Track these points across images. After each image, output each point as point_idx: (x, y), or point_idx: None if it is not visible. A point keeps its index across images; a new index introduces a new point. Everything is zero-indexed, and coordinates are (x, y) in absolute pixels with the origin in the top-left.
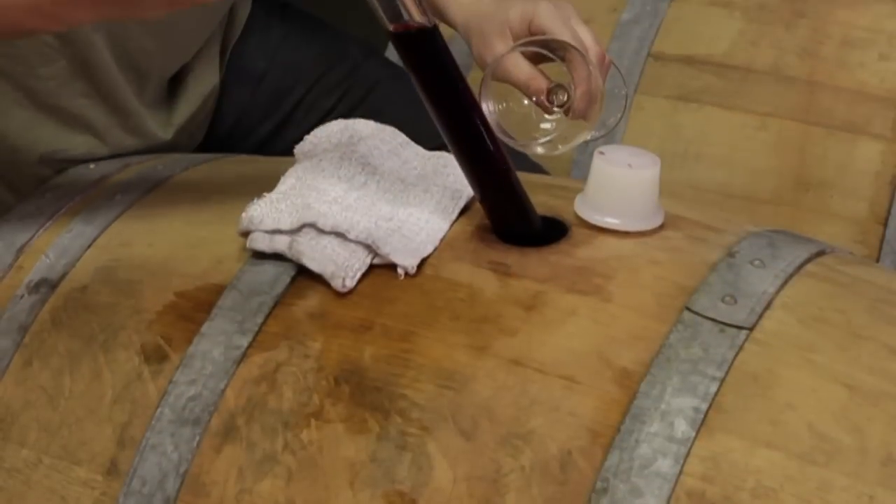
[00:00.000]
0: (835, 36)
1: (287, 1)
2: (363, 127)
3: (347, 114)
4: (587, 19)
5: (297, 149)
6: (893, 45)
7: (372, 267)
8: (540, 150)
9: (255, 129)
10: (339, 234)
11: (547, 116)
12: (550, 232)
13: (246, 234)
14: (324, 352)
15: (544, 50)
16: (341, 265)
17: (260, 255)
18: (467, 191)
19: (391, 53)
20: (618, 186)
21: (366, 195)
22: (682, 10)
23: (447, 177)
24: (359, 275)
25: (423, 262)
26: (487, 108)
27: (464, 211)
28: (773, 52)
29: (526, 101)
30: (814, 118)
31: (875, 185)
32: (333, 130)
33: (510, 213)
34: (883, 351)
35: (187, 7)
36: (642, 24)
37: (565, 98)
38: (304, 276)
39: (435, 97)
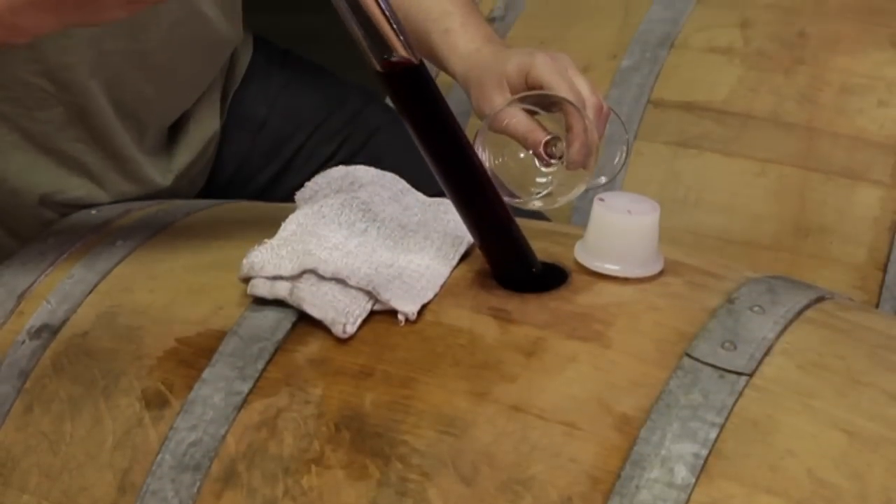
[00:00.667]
0: (834, 83)
1: (287, 48)
2: (364, 173)
3: (348, 160)
4: (586, 66)
5: (298, 195)
6: (892, 91)
7: (372, 313)
8: (538, 204)
9: (256, 175)
10: (340, 281)
11: (544, 169)
12: (550, 278)
13: (247, 280)
14: (324, 398)
15: (540, 106)
16: (342, 311)
17: (261, 301)
18: (468, 237)
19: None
20: (618, 233)
21: (366, 241)
22: (682, 57)
23: (447, 223)
24: (359, 321)
25: (423, 308)
26: (483, 158)
27: (464, 257)
28: (773, 98)
29: (522, 154)
30: (813, 164)
31: (874, 231)
32: (334, 177)
33: (508, 255)
34: (882, 397)
35: (143, 8)
36: (642, 71)
37: (563, 150)
38: (305, 322)
39: (425, 134)
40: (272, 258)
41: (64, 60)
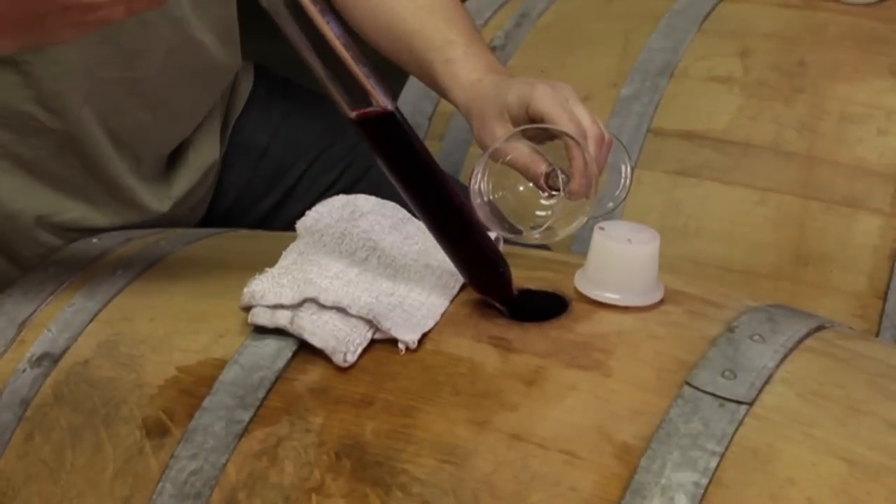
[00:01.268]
0: (833, 111)
1: (287, 76)
2: (364, 202)
3: (349, 189)
4: (587, 95)
5: (299, 224)
6: (892, 120)
7: (373, 342)
8: (537, 237)
9: (257, 203)
10: (341, 310)
11: (544, 202)
12: (551, 307)
13: (248, 308)
14: (325, 426)
15: (542, 138)
16: (342, 340)
17: (261, 330)
18: None
19: None
20: (618, 262)
21: (367, 270)
22: (682, 85)
23: None
24: (360, 350)
25: (424, 336)
26: (482, 190)
27: (465, 286)
28: (773, 127)
29: (522, 187)
30: (813, 193)
31: (874, 260)
32: (335, 206)
33: (485, 270)
34: (882, 425)
35: (91, 30)
36: (642, 100)
37: (564, 181)
38: (306, 350)
39: (402, 177)
40: (273, 287)
41: (56, 88)
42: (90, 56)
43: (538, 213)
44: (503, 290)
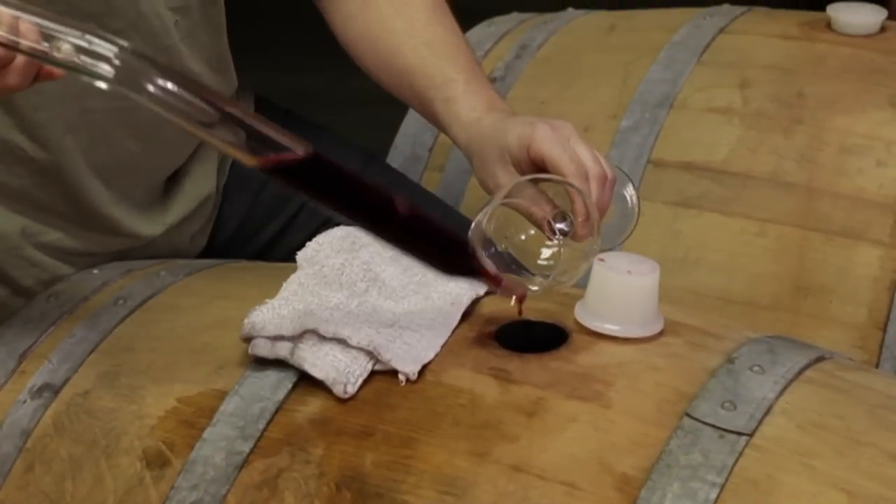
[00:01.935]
0: (833, 143)
1: (288, 108)
2: (364, 234)
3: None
4: (587, 126)
5: (300, 255)
6: (891, 151)
7: (373, 373)
8: (543, 283)
9: (258, 234)
10: (341, 341)
11: (548, 245)
12: (551, 338)
13: (248, 339)
14: (325, 458)
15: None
16: (343, 371)
17: (262, 361)
18: (468, 297)
19: (392, 159)
20: (618, 293)
21: (367, 302)
22: (681, 117)
23: (448, 283)
24: (360, 381)
25: (424, 368)
26: (492, 239)
27: (465, 317)
28: (772, 158)
29: (523, 236)
30: (812, 224)
31: (874, 291)
32: (335, 237)
33: (452, 254)
34: (882, 457)
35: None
36: (642, 131)
37: (569, 224)
38: (306, 381)
39: (338, 209)
40: (273, 318)
41: (37, 118)
42: (75, 87)
43: (543, 256)
44: (473, 263)
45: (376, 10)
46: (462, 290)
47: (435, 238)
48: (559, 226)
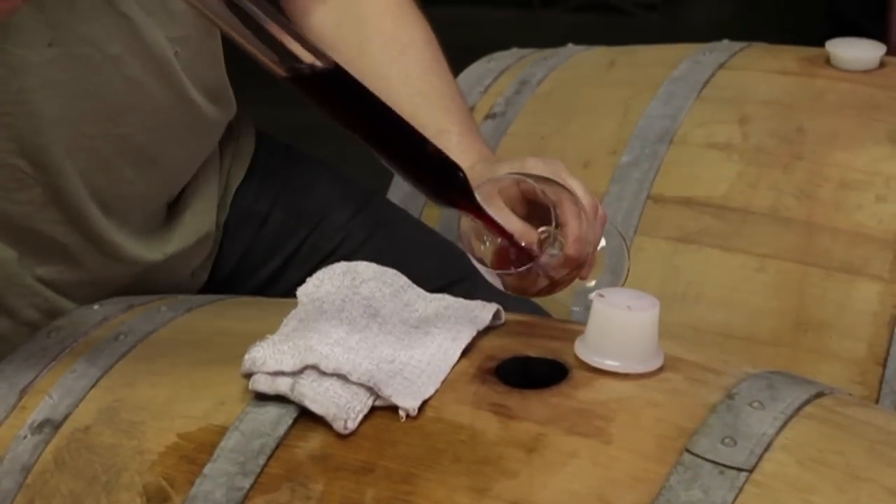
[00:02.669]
0: (832, 178)
1: (289, 143)
2: (365, 269)
3: (349, 256)
4: (587, 161)
5: (300, 290)
6: (890, 187)
7: (374, 409)
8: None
9: (259, 269)
10: (342, 376)
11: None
12: (551, 374)
13: (248, 375)
14: (326, 493)
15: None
16: (343, 407)
17: (262, 397)
18: (468, 333)
19: (393, 194)
20: (618, 329)
21: (368, 337)
22: (681, 152)
23: (448, 319)
24: (360, 417)
25: (424, 403)
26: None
27: (465, 353)
28: (772, 194)
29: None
30: (812, 259)
31: (874, 326)
32: (335, 272)
33: (448, 180)
34: (882, 493)
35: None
36: (641, 167)
37: (558, 249)
38: (306, 417)
39: (354, 127)
40: (274, 354)
41: (38, 141)
42: (72, 111)
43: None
44: (466, 191)
45: (371, 58)
46: (462, 327)
47: (434, 165)
48: (552, 243)
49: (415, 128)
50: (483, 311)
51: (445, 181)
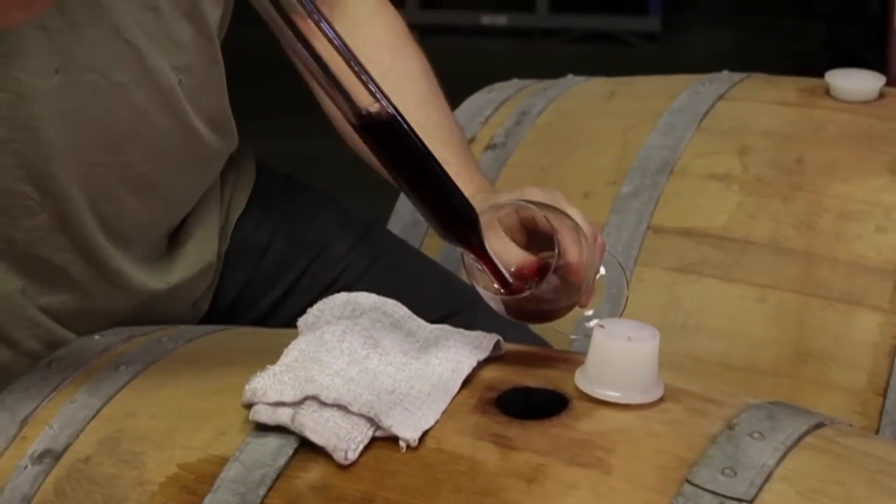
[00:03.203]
0: (832, 209)
1: (289, 173)
2: (365, 300)
3: (350, 286)
4: (587, 192)
5: (301, 321)
6: (890, 217)
7: (374, 439)
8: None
9: (259, 300)
10: (342, 407)
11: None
12: (551, 405)
13: (249, 406)
14: None
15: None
16: (343, 438)
17: (263, 427)
18: (468, 364)
19: (393, 225)
20: (618, 360)
21: (368, 368)
22: (681, 183)
23: (448, 349)
24: (361, 447)
25: (424, 434)
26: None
27: (465, 384)
28: (771, 224)
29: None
30: (812, 290)
31: (874, 357)
32: (336, 303)
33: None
34: None
35: (43, 9)
36: (641, 198)
37: (559, 275)
38: (307, 448)
39: (403, 174)
40: (274, 384)
41: (45, 168)
42: (78, 139)
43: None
44: (476, 234)
45: None
46: (462, 357)
47: (451, 200)
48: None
49: (448, 175)
50: (483, 342)
51: (460, 222)
